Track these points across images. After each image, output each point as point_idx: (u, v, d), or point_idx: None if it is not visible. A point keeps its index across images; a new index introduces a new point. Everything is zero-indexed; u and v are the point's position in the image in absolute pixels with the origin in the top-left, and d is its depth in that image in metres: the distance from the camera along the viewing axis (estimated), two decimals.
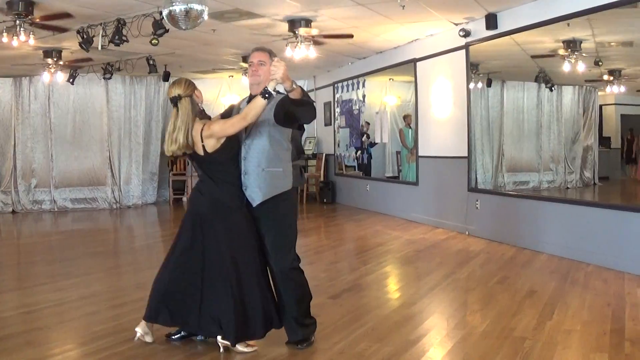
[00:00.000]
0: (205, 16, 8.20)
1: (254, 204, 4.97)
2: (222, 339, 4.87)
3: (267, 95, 4.63)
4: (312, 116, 4.92)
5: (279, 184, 4.98)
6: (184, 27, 8.33)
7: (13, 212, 15.94)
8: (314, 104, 4.92)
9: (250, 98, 5.04)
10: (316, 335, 5.25)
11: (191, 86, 4.97)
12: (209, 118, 5.12)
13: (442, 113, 11.47)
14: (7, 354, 4.98)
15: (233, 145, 4.93)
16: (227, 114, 5.23)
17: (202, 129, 4.82)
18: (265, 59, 5.04)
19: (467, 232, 10.64)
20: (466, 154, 10.67)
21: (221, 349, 4.92)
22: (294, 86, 4.65)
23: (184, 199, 17.78)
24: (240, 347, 4.91)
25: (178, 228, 5.17)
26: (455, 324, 5.65)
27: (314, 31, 10.68)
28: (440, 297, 6.80)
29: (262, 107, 4.70)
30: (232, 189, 4.95)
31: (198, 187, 5.12)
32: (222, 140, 4.83)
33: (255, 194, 4.94)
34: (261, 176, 4.92)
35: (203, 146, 4.83)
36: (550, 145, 10.46)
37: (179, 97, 4.89)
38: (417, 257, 9.04)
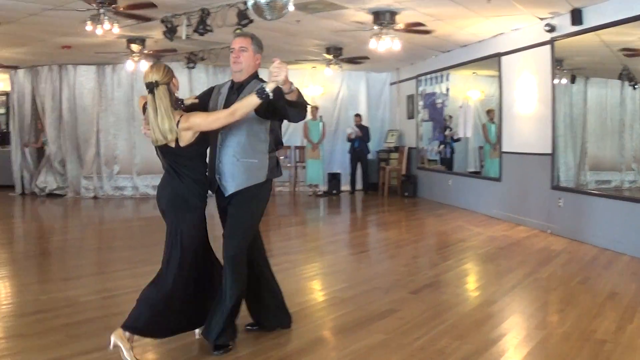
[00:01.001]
0: (291, 7, 8.27)
1: (226, 194, 4.92)
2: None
3: (263, 96, 4.50)
4: (302, 117, 4.84)
5: (252, 176, 4.90)
6: (269, 18, 8.43)
7: (95, 197, 16.49)
8: (308, 105, 4.87)
9: (233, 85, 5.03)
10: (397, 330, 5.34)
11: (169, 73, 4.67)
12: (184, 108, 4.81)
13: (526, 109, 11.39)
14: (85, 338, 5.18)
15: (207, 140, 4.83)
16: (204, 97, 5.12)
17: (178, 120, 4.61)
18: (247, 45, 4.96)
19: (548, 231, 10.55)
20: (550, 151, 10.57)
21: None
22: (292, 88, 4.59)
23: None
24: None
25: None
26: (536, 325, 5.66)
27: (396, 24, 10.72)
28: (521, 296, 6.79)
29: (255, 106, 4.59)
30: (194, 186, 4.78)
31: (162, 182, 4.96)
32: (197, 134, 4.67)
33: (229, 183, 4.90)
34: (236, 166, 4.87)
35: (176, 138, 4.63)
36: (633, 145, 10.25)
37: (156, 84, 4.61)
38: (498, 255, 9.02)
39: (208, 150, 4.94)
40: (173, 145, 4.65)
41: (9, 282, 7.65)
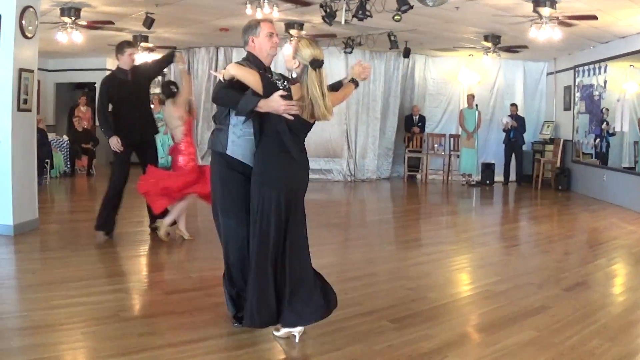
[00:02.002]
0: None
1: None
2: None
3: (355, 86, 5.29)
4: None
5: None
6: (430, 4, 8.59)
7: None
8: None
9: (265, 68, 5.19)
10: (549, 327, 5.41)
11: None
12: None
13: None
14: None
15: None
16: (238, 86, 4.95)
17: None
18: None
19: None
20: None
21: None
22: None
23: (419, 176, 18.24)
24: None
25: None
26: None
27: (556, 12, 10.64)
28: None
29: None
30: None
31: (285, 163, 4.91)
32: None
33: None
34: None
35: None
36: None
37: (322, 62, 4.88)
38: None
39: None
40: (314, 121, 4.97)
41: (160, 259, 8.21)
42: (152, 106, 9.99)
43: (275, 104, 4.75)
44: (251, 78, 4.80)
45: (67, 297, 5.89)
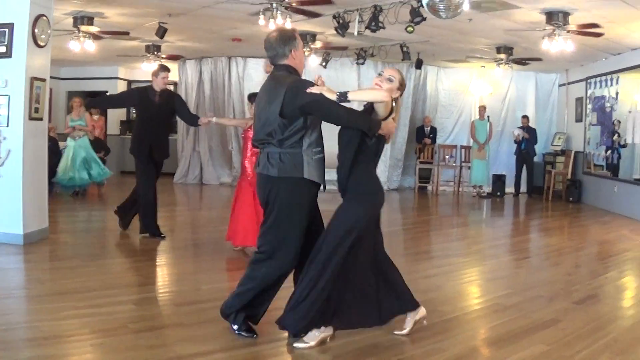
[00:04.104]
0: (466, 6, 8.38)
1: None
2: None
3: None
4: None
5: None
6: (443, 17, 8.57)
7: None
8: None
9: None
10: (560, 341, 5.39)
11: None
12: None
13: None
14: None
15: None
16: None
17: None
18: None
19: None
20: None
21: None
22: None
23: (429, 187, 18.21)
24: None
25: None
26: None
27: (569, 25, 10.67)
28: None
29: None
30: None
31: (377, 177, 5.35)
32: None
33: None
34: None
35: None
36: None
37: None
38: None
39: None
40: None
41: (170, 270, 8.22)
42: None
43: (391, 125, 4.99)
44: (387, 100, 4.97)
45: (77, 308, 5.88)
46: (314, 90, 4.79)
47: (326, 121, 5.01)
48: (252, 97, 8.46)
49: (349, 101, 4.82)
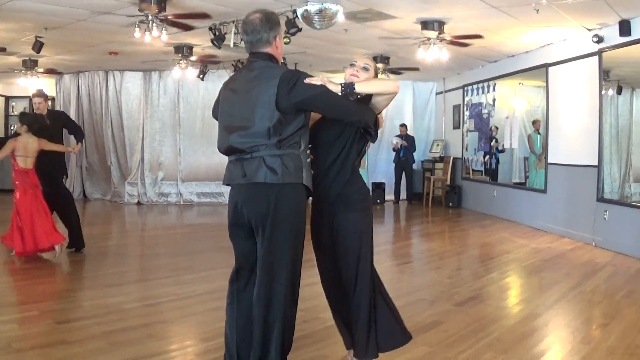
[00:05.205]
0: (341, 17, 8.33)
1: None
2: None
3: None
4: None
5: None
6: (318, 27, 8.51)
7: (138, 203, 16.72)
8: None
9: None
10: (442, 343, 5.33)
11: None
12: None
13: (573, 120, 11.30)
14: (129, 345, 5.23)
15: None
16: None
17: None
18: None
19: (593, 243, 10.44)
20: (596, 163, 10.46)
21: None
22: None
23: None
24: None
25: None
26: (581, 339, 5.61)
27: (445, 35, 10.73)
28: (566, 309, 6.74)
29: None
30: None
31: None
32: None
33: None
34: None
35: None
36: None
37: None
38: (542, 267, 8.96)
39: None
40: None
41: (52, 287, 7.77)
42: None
43: (382, 121, 4.41)
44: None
45: None
46: (313, 81, 4.05)
47: (331, 116, 4.23)
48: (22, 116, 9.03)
49: (354, 94, 4.20)
